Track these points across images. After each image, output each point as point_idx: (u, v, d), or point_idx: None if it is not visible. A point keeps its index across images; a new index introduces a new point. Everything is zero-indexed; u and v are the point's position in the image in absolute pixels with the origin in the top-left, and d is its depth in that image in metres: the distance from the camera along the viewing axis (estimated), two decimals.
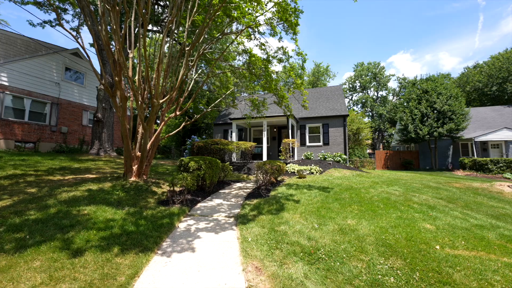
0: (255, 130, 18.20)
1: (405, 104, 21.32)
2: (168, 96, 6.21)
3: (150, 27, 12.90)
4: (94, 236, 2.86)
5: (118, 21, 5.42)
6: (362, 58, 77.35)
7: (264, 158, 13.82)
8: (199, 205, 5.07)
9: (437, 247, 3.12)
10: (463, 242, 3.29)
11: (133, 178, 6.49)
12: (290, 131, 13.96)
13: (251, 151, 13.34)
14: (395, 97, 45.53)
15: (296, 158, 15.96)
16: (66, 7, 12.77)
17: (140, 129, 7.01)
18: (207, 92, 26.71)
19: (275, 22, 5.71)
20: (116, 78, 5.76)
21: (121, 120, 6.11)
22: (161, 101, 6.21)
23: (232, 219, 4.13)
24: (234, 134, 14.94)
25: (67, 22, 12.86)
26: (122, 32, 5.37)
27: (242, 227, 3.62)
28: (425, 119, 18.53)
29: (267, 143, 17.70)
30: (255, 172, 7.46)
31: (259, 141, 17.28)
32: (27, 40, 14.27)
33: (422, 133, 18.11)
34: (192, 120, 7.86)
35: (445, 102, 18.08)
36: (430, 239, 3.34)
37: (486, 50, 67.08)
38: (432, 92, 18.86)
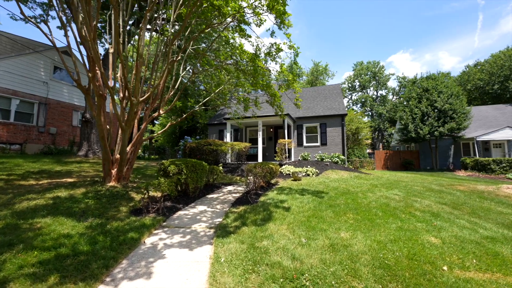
0: (251, 130, 17.72)
1: (405, 103, 20.84)
2: (148, 93, 5.73)
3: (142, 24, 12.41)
4: (32, 259, 2.38)
5: (89, 11, 4.94)
6: (362, 58, 76.95)
7: (260, 159, 13.34)
8: (178, 213, 4.58)
9: (445, 267, 2.64)
10: (474, 261, 2.81)
11: (111, 183, 6.01)
12: (286, 131, 13.48)
13: (245, 152, 12.86)
14: (394, 97, 45.05)
15: (293, 159, 15.48)
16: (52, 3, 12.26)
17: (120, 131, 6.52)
18: (204, 92, 26.24)
19: (260, 10, 5.23)
20: (90, 74, 5.28)
21: (97, 120, 5.63)
22: (140, 99, 5.73)
23: (212, 231, 3.64)
24: (228, 135, 14.46)
25: (53, 18, 12.35)
26: (94, 23, 4.89)
27: (219, 242, 3.14)
28: (425, 118, 18.05)
29: (263, 144, 17.21)
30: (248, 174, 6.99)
31: (255, 141, 16.79)
32: (13, 38, 13.79)
33: (422, 132, 17.63)
34: (179, 120, 7.40)
35: (446, 100, 17.60)
36: (436, 257, 2.86)
37: (486, 49, 66.65)
38: (432, 90, 18.38)
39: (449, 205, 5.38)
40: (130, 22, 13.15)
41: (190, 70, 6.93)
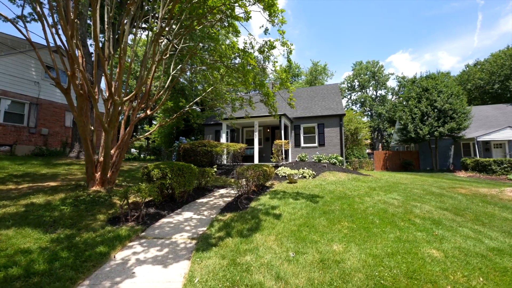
0: (247, 131, 17.41)
1: (404, 103, 20.54)
2: (133, 93, 5.42)
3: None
4: None
5: (68, 5, 4.64)
6: (361, 58, 76.61)
7: (256, 160, 13.03)
8: (161, 221, 4.27)
9: None
10: (481, 279, 2.51)
11: (95, 188, 5.70)
12: (283, 131, 13.17)
13: (240, 153, 12.55)
14: (394, 96, 44.77)
15: (290, 160, 15.18)
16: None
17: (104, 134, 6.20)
18: (201, 92, 25.93)
19: (246, 1, 4.91)
20: (69, 72, 4.98)
21: (78, 121, 5.33)
22: (124, 99, 5.42)
23: (193, 242, 3.33)
24: (224, 135, 14.14)
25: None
26: (72, 17, 4.58)
27: (198, 257, 2.83)
28: (425, 118, 17.75)
29: (259, 144, 16.92)
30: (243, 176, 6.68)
31: (252, 142, 16.48)
32: (3, 37, 13.47)
33: (422, 132, 17.33)
34: (169, 120, 7.09)
35: (446, 100, 17.30)
36: (438, 274, 2.56)
37: (485, 49, 66.45)
38: (432, 90, 18.08)
39: (451, 210, 5.08)
40: (125, 21, 12.84)
41: (180, 70, 6.61)
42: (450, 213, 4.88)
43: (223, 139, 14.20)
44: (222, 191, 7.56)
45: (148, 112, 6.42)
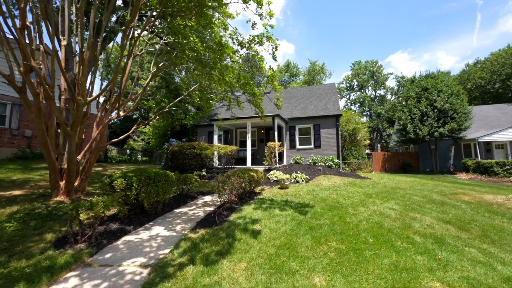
0: (241, 132, 16.83)
1: (403, 102, 19.98)
2: (99, 92, 4.84)
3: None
4: None
5: None
6: (361, 58, 76.02)
7: (248, 163, 12.46)
8: (122, 239, 3.69)
9: None
10: None
11: (58, 198, 5.13)
12: (276, 133, 12.59)
13: (232, 156, 11.97)
14: (393, 96, 44.23)
15: (285, 162, 14.61)
16: None
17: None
18: (196, 92, 25.36)
19: None
20: (21, 69, 4.41)
21: (36, 123, 4.76)
22: (89, 99, 4.84)
23: (146, 272, 2.76)
24: (216, 137, 13.56)
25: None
26: (22, 5, 4.01)
27: None
28: (425, 118, 17.19)
29: (253, 146, 16.36)
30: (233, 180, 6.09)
31: (245, 143, 15.92)
32: None
33: (421, 133, 16.77)
34: (147, 122, 6.52)
35: (446, 100, 16.74)
36: None
37: (485, 48, 66.08)
38: (432, 89, 17.52)
39: (455, 224, 4.52)
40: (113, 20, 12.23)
41: (156, 67, 6.02)
42: (454, 228, 4.31)
43: (215, 140, 13.62)
44: (207, 198, 6.99)
45: (121, 113, 5.84)
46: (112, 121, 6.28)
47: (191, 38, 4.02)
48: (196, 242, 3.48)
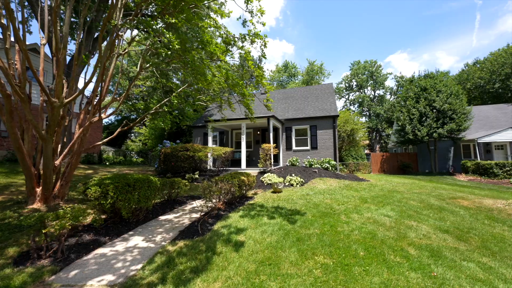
0: (237, 133, 16.57)
1: (402, 103, 19.72)
2: (76, 93, 4.58)
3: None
4: None
5: None
6: (360, 58, 75.86)
7: (243, 165, 12.19)
8: (94, 253, 3.43)
9: None
10: None
11: (34, 205, 4.85)
12: (271, 134, 12.32)
13: (226, 158, 11.70)
14: (392, 96, 43.99)
15: (281, 164, 14.35)
16: None
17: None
18: (192, 92, 25.09)
19: None
20: None
21: (7, 127, 4.49)
22: (66, 100, 4.58)
23: None
24: (210, 138, 13.28)
25: None
26: None
27: None
28: (423, 119, 16.94)
29: (249, 148, 16.09)
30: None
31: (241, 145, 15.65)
32: None
33: (420, 134, 16.52)
34: (132, 125, 6.25)
35: (445, 100, 16.49)
36: None
37: (484, 48, 65.96)
38: (431, 90, 17.27)
39: (453, 233, 4.26)
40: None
41: (139, 68, 5.75)
42: (451, 238, 4.05)
43: (210, 142, 13.35)
44: (196, 203, 6.71)
45: (103, 116, 5.57)
46: (101, 122, 5.98)
47: (167, 36, 3.76)
48: (173, 256, 3.21)
